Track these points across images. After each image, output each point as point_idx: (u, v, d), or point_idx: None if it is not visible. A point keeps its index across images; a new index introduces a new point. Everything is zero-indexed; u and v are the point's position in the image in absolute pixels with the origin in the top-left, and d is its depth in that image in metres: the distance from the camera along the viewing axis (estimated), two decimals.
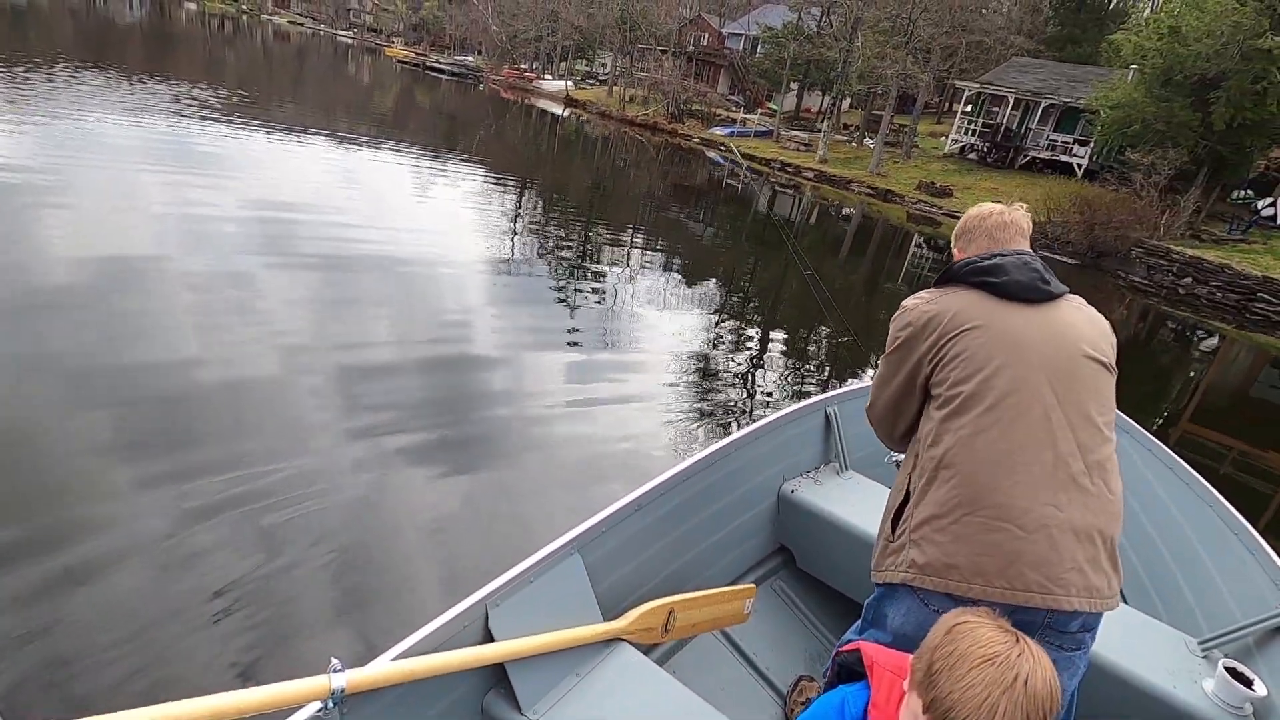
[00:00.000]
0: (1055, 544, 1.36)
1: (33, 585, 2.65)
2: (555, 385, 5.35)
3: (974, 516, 1.40)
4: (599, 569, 1.91)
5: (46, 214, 6.58)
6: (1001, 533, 1.37)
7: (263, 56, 36.91)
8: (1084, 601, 1.37)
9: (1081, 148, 25.01)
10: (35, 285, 5.15)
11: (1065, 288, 1.56)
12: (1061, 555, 1.36)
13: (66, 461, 3.38)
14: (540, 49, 50.79)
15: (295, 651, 2.65)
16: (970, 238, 1.67)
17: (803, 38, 33.66)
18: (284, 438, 3.95)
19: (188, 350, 4.69)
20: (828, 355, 7.60)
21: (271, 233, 7.55)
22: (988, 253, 1.59)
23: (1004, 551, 1.36)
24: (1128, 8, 37.88)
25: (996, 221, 1.65)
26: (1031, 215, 1.70)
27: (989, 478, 1.40)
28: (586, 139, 28.21)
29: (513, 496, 3.90)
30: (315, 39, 58.68)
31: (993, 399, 1.43)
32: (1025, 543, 1.36)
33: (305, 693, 1.24)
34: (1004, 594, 1.35)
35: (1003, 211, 1.66)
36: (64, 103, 11.97)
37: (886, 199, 23.13)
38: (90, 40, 24.40)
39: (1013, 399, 1.43)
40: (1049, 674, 0.94)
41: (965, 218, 1.72)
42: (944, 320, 1.52)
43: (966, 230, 1.69)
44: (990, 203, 1.72)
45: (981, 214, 1.68)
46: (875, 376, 1.71)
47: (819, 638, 2.60)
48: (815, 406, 2.76)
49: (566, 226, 11.50)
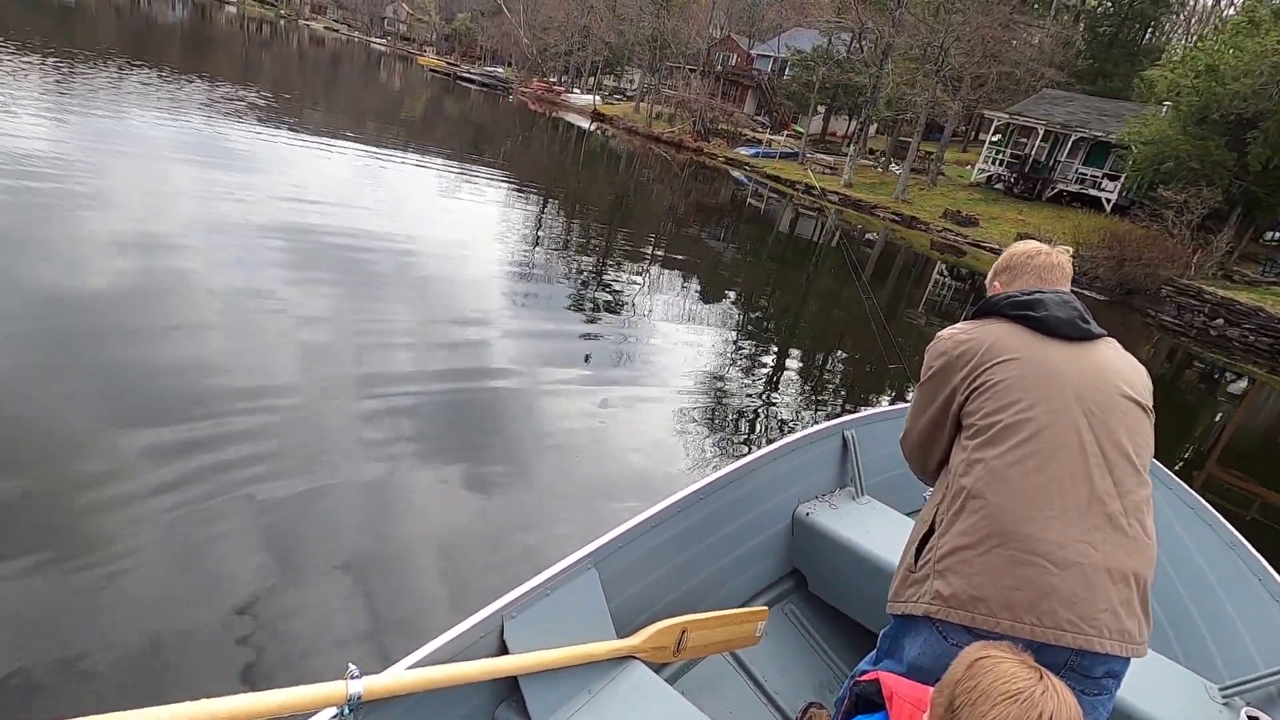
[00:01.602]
0: (1089, 583, 1.32)
1: (40, 582, 2.68)
2: (572, 397, 5.33)
3: (1004, 549, 1.35)
4: (614, 584, 1.89)
5: (81, 207, 6.73)
6: (1033, 567, 1.33)
7: (298, 60, 37.75)
8: (1116, 645, 1.33)
9: (1111, 182, 24.83)
10: (52, 286, 5.25)
11: (1104, 330, 1.54)
12: (1095, 595, 1.32)
13: (79, 456, 3.40)
14: (570, 63, 51.47)
15: (304, 647, 2.64)
16: (1015, 274, 1.64)
17: (832, 62, 33.84)
18: (299, 436, 3.97)
19: (206, 348, 4.73)
20: (846, 378, 7.54)
21: (296, 231, 7.65)
22: (1028, 289, 1.57)
23: (1035, 586, 1.32)
24: (1161, 44, 37.77)
25: (1045, 262, 1.62)
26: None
27: (1021, 510, 1.36)
28: (612, 154, 28.45)
29: (526, 507, 3.87)
30: (349, 45, 59.89)
31: (1028, 431, 1.40)
32: (1057, 579, 1.32)
33: (322, 697, 1.24)
34: (1032, 630, 1.31)
35: (1050, 253, 1.64)
36: (105, 97, 12.28)
37: (911, 226, 23.07)
38: (133, 39, 25.07)
39: (1048, 432, 1.39)
40: (1074, 712, 0.91)
41: (1011, 254, 1.69)
42: (980, 351, 1.50)
43: (1012, 266, 1.66)
44: (1034, 241, 1.70)
45: (1029, 252, 1.65)
46: (910, 407, 1.69)
47: (829, 664, 2.56)
48: (833, 429, 2.73)
49: (588, 240, 11.55)
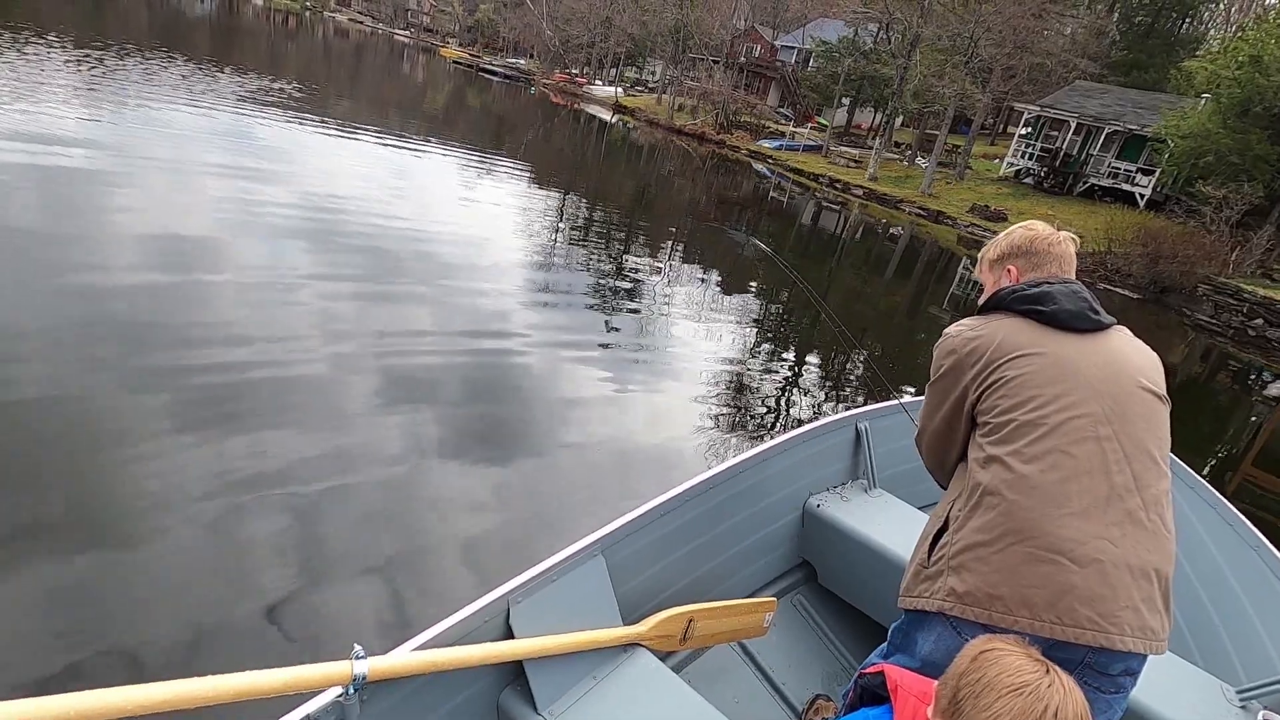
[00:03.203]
0: (1109, 580, 1.29)
1: (80, 560, 2.74)
2: (588, 385, 5.32)
3: (1021, 546, 1.32)
4: (621, 572, 1.88)
5: (111, 191, 6.85)
6: (1051, 564, 1.30)
7: (323, 52, 38.14)
8: (1138, 642, 1.29)
9: (1145, 177, 24.14)
10: (84, 265, 5.35)
11: (1113, 319, 1.50)
12: (1116, 592, 1.29)
13: (118, 438, 3.46)
14: (592, 55, 51.36)
15: (318, 624, 2.68)
16: (1038, 260, 1.57)
17: (858, 53, 33.37)
18: (322, 415, 4.01)
19: (233, 330, 4.79)
20: (865, 372, 7.44)
21: (318, 219, 7.72)
22: (1033, 281, 1.52)
23: (1054, 584, 1.29)
24: (1199, 34, 36.59)
25: (1066, 251, 1.58)
26: (1084, 244, 1.61)
27: (1038, 507, 1.33)
28: (633, 146, 28.38)
29: (538, 491, 3.89)
30: (374, 37, 60.47)
31: (1045, 428, 1.37)
32: (1076, 576, 1.29)
33: (327, 677, 1.24)
34: (1051, 629, 1.28)
35: (1067, 240, 1.60)
36: (135, 86, 12.50)
37: (937, 220, 22.72)
38: (163, 30, 25.49)
39: (1065, 428, 1.36)
40: (1080, 706, 0.89)
41: (1032, 238, 1.59)
42: (990, 347, 1.46)
43: (1035, 251, 1.58)
44: (1039, 223, 1.63)
45: (1051, 239, 1.59)
46: (923, 406, 1.64)
47: (837, 656, 2.54)
48: (846, 421, 2.70)
49: (608, 231, 11.53)
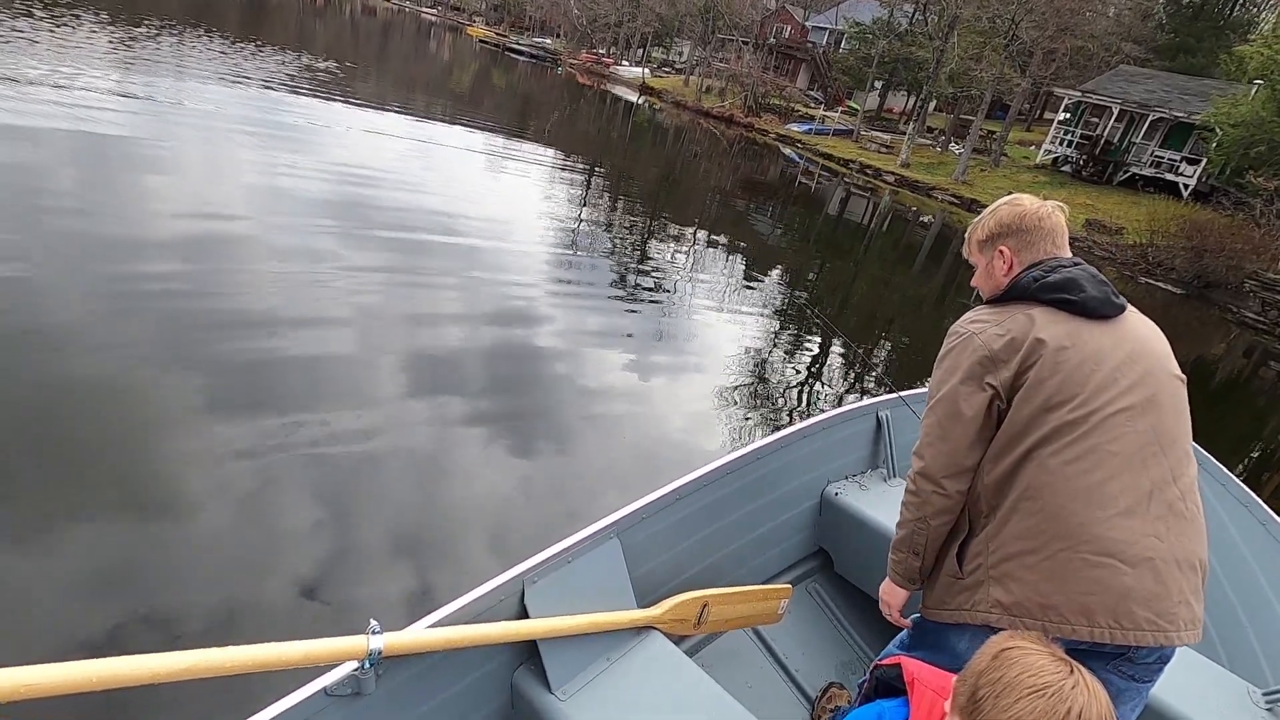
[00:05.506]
0: (1161, 577, 1.28)
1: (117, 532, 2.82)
2: (610, 368, 5.33)
3: (1072, 552, 1.28)
4: (636, 555, 1.88)
5: (144, 166, 6.97)
6: (1105, 568, 1.27)
7: (350, 30, 38.20)
8: (1190, 635, 1.28)
9: (1190, 166, 23.26)
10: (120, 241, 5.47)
11: (1124, 298, 1.47)
12: (1169, 589, 1.28)
13: (147, 417, 3.53)
14: (619, 34, 50.84)
15: (344, 591, 2.76)
16: (1028, 239, 1.48)
17: (892, 35, 32.57)
18: (351, 395, 4.09)
19: (260, 307, 4.86)
20: (890, 361, 7.36)
21: (345, 198, 7.78)
22: (1048, 264, 1.44)
23: (1110, 589, 1.27)
24: (1251, 17, 34.99)
25: (1057, 224, 1.49)
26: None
27: (1084, 510, 1.29)
28: (660, 128, 28.11)
29: (558, 473, 3.91)
30: (400, 15, 60.44)
31: (1086, 426, 1.33)
32: (1130, 578, 1.27)
33: (344, 651, 1.26)
34: (1112, 634, 1.26)
35: (1055, 212, 1.50)
36: (168, 61, 12.67)
37: (970, 209, 22.20)
38: (194, 5, 25.69)
39: (1106, 425, 1.32)
40: (1105, 708, 0.87)
41: (1020, 215, 1.49)
42: (1024, 344, 1.37)
43: (1025, 229, 1.48)
44: (1026, 197, 1.53)
45: (1039, 213, 1.48)
46: (933, 406, 1.48)
47: (852, 645, 2.53)
48: (867, 409, 2.67)
49: (633, 214, 11.47)
